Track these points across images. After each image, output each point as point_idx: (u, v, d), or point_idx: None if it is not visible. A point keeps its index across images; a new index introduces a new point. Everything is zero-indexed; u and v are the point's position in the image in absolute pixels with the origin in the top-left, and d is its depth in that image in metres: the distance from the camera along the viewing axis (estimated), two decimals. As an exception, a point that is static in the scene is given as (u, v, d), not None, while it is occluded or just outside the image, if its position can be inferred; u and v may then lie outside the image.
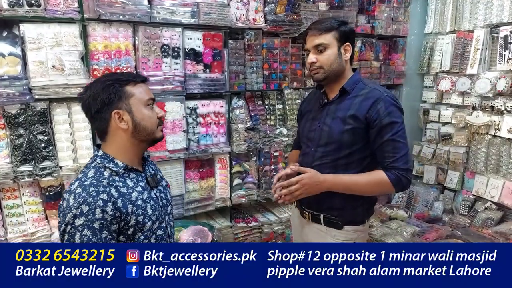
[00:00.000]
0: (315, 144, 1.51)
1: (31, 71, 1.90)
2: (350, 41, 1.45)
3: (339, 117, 1.44)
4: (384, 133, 1.37)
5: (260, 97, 2.77)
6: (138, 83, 1.15)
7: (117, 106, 1.11)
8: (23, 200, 2.05)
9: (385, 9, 3.15)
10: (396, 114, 1.38)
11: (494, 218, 2.91)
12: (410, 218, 3.13)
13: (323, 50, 1.41)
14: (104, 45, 2.08)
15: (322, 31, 1.41)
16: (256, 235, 2.77)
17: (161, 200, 1.23)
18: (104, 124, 1.13)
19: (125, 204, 1.09)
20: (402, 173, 1.37)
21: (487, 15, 2.92)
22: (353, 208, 1.49)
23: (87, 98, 1.12)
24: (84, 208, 1.02)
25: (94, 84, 1.13)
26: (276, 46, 2.67)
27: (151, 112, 1.16)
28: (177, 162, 2.43)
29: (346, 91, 1.45)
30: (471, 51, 3.01)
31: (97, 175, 1.10)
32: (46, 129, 1.99)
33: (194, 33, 2.35)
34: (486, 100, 2.96)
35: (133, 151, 1.17)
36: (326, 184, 1.39)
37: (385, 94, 1.41)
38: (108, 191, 1.07)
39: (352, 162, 1.44)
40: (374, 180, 1.39)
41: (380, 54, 3.28)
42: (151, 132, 1.16)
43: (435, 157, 3.38)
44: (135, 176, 1.17)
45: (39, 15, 1.87)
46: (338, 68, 1.44)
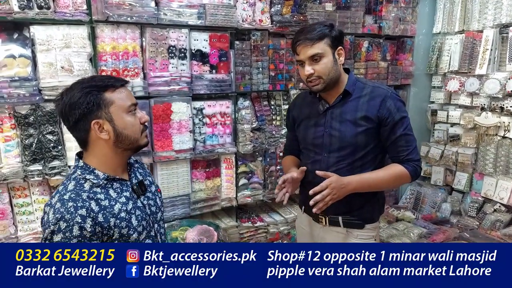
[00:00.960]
0: (326, 150, 1.49)
1: (41, 72, 1.93)
2: (341, 44, 1.44)
3: (349, 120, 1.44)
4: (397, 129, 1.41)
5: (266, 97, 2.78)
6: (118, 88, 1.06)
7: (97, 115, 1.03)
8: (33, 199, 2.09)
9: (392, 9, 3.13)
10: (403, 108, 1.43)
11: (503, 220, 2.87)
12: (417, 220, 3.11)
13: (318, 59, 1.38)
14: (112, 46, 2.11)
15: (315, 40, 1.36)
16: (262, 235, 2.78)
17: (149, 208, 1.17)
18: (84, 134, 1.06)
19: (107, 218, 1.03)
20: (417, 164, 1.44)
21: (496, 15, 2.88)
22: (372, 206, 1.52)
23: (64, 106, 1.03)
24: (62, 224, 0.98)
25: (71, 90, 1.04)
26: (282, 46, 2.67)
27: (134, 119, 1.08)
28: (184, 162, 2.45)
29: (348, 93, 1.45)
30: (480, 52, 2.98)
31: (76, 188, 1.04)
32: (55, 129, 2.03)
33: (200, 34, 2.37)
34: (495, 101, 2.93)
35: (116, 160, 1.10)
36: (351, 186, 1.39)
37: (389, 91, 1.44)
38: (88, 205, 1.01)
39: (367, 162, 1.46)
40: (395, 174, 1.43)
41: (387, 55, 3.26)
42: (134, 141, 1.09)
43: (443, 158, 3.34)
44: (118, 185, 1.11)
45: (49, 17, 1.91)
46: (336, 75, 1.42)
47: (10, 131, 1.96)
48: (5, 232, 2.01)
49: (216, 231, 2.40)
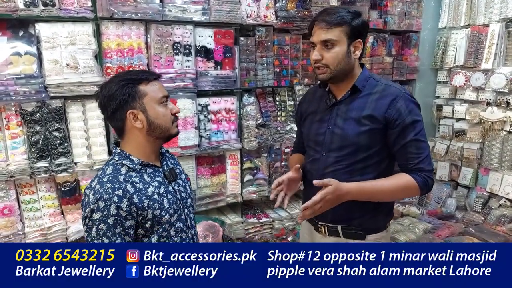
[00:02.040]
0: (326, 149, 1.37)
1: (47, 69, 1.94)
2: (362, 37, 1.30)
3: (353, 118, 1.31)
4: (407, 133, 1.26)
5: (271, 93, 2.77)
6: (151, 81, 1.16)
7: (132, 106, 1.12)
8: (40, 196, 2.10)
9: (397, 3, 3.11)
10: (416, 111, 1.29)
11: (509, 215, 2.86)
12: (422, 215, 3.10)
13: (330, 46, 1.25)
14: (117, 43, 2.10)
15: (332, 24, 1.24)
16: (267, 230, 2.79)
17: (179, 194, 1.25)
18: (121, 124, 1.15)
19: (141, 199, 1.11)
20: (428, 175, 1.28)
21: (502, 9, 2.86)
22: (374, 215, 1.38)
23: (102, 98, 1.14)
24: (101, 204, 1.06)
25: (109, 84, 1.15)
26: (287, 42, 2.66)
27: (165, 110, 1.17)
28: (189, 159, 2.46)
29: (357, 89, 1.32)
30: (486, 46, 2.96)
31: (114, 172, 1.13)
32: (61, 126, 2.04)
33: (205, 30, 2.36)
34: (501, 95, 2.91)
35: (149, 148, 1.19)
36: (349, 195, 1.25)
37: (403, 91, 1.30)
38: (124, 187, 1.10)
39: (369, 166, 1.32)
40: (401, 185, 1.28)
41: (392, 50, 3.24)
42: (166, 130, 1.18)
43: (449, 153, 3.34)
44: (152, 171, 1.19)
45: (53, 15, 1.91)
46: (346, 68, 1.29)
47: (16, 128, 1.97)
48: (12, 229, 2.02)
49: (221, 227, 2.42)
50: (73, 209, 2.16)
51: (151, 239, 1.15)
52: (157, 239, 1.15)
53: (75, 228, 2.13)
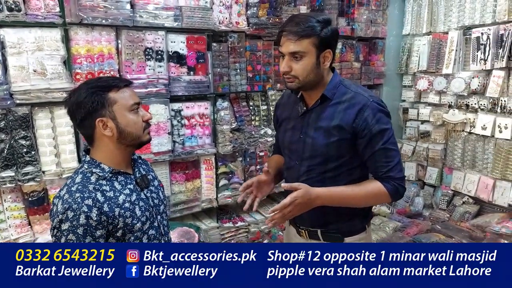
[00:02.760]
0: (299, 157, 1.37)
1: (12, 76, 1.88)
2: (332, 46, 1.28)
3: (323, 127, 1.30)
4: (375, 143, 1.26)
5: (245, 98, 2.81)
6: (121, 88, 1.13)
7: (101, 114, 1.10)
8: (5, 206, 2.02)
9: (364, 11, 3.24)
10: (384, 120, 1.27)
11: (471, 211, 3.03)
12: (392, 214, 3.22)
13: (299, 58, 1.23)
14: (86, 49, 2.07)
15: (300, 36, 1.21)
16: (243, 235, 2.80)
17: (152, 200, 1.23)
18: (90, 131, 1.13)
19: (112, 207, 1.09)
20: (399, 182, 1.28)
21: (460, 17, 3.05)
22: (350, 219, 1.39)
23: (71, 105, 1.11)
24: (70, 214, 1.04)
25: (78, 91, 1.12)
26: (259, 48, 2.71)
27: (136, 117, 1.15)
28: (162, 164, 2.44)
29: (326, 98, 1.31)
30: (446, 52, 3.13)
31: (83, 181, 1.11)
32: (28, 134, 1.97)
33: (177, 36, 2.36)
34: (461, 98, 3.09)
35: (120, 155, 1.17)
36: (319, 200, 1.25)
37: (370, 99, 1.27)
38: (94, 196, 1.08)
39: (340, 174, 1.33)
40: (371, 192, 1.29)
41: (360, 55, 3.37)
42: (137, 137, 1.16)
43: (415, 154, 3.49)
44: (123, 179, 1.18)
45: (19, 20, 1.86)
46: (315, 78, 1.28)
47: (-21, 137, 1.89)
48: (-24, 242, 1.94)
49: (197, 232, 2.41)
50: (41, 219, 2.09)
51: None
52: None
53: (44, 239, 2.05)
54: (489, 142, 2.95)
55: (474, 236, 2.72)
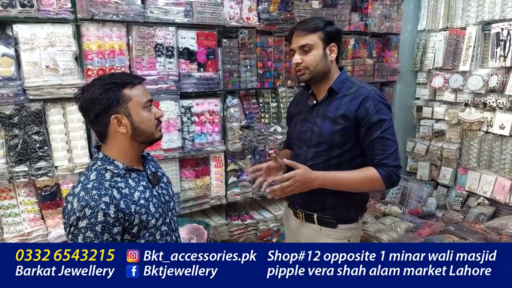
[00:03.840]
0: (306, 145, 1.52)
1: (25, 71, 1.90)
2: (336, 41, 1.46)
3: (329, 117, 1.45)
4: (373, 131, 1.38)
5: (255, 95, 2.78)
6: (135, 85, 1.13)
7: (116, 111, 1.10)
8: (19, 200, 2.06)
9: (378, 6, 3.17)
10: (384, 111, 1.40)
11: (487, 213, 2.95)
12: (404, 214, 3.16)
13: (308, 50, 1.42)
14: (97, 45, 2.08)
15: (307, 31, 1.42)
16: (251, 232, 2.80)
17: (163, 197, 1.24)
18: (103, 128, 1.13)
19: (128, 204, 1.10)
20: (393, 170, 1.39)
21: (479, 12, 2.95)
22: (345, 207, 1.51)
23: (85, 101, 1.10)
24: (87, 211, 1.04)
25: (91, 87, 1.11)
26: (270, 44, 2.68)
27: (150, 114, 1.16)
28: (172, 161, 2.45)
29: (334, 91, 1.46)
30: (464, 48, 3.04)
31: (98, 178, 1.11)
32: (41, 130, 2.00)
33: (187, 32, 2.36)
34: (478, 96, 3.00)
35: (133, 152, 1.18)
36: (317, 181, 1.38)
37: (372, 92, 1.42)
38: (110, 193, 1.08)
39: (343, 161, 1.45)
40: (365, 177, 1.40)
41: (373, 52, 3.30)
42: (150, 134, 1.17)
43: (429, 154, 3.41)
44: (136, 175, 1.18)
45: (32, 16, 1.88)
46: (324, 69, 1.45)
47: (-6, 132, 1.93)
48: (-10, 235, 1.98)
49: (206, 229, 2.41)
50: (53, 213, 2.12)
51: None
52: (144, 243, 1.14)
53: (56, 233, 2.09)
54: (507, 142, 2.86)
55: (489, 239, 2.65)
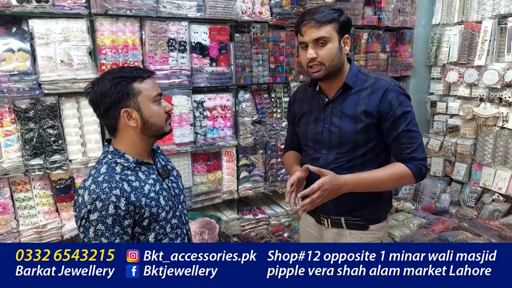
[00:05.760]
0: (326, 147, 1.40)
1: (40, 66, 1.92)
2: (348, 32, 1.33)
3: (349, 115, 1.34)
4: (399, 125, 1.30)
5: (267, 90, 2.77)
6: (145, 79, 1.13)
7: (126, 104, 1.10)
8: (34, 193, 2.09)
9: (392, 0, 3.12)
10: (406, 103, 1.32)
11: (501, 210, 2.90)
12: (417, 210, 3.13)
13: (323, 44, 1.27)
14: (111, 39, 2.09)
15: (322, 22, 1.25)
16: (263, 227, 2.80)
17: (173, 190, 1.25)
18: (113, 121, 1.13)
19: (138, 197, 1.10)
20: (422, 163, 1.33)
21: (495, 5, 2.88)
22: (375, 206, 1.42)
23: (95, 95, 1.11)
24: (98, 204, 1.05)
25: (101, 81, 1.11)
26: (282, 39, 2.66)
27: (159, 108, 1.16)
28: (185, 155, 2.46)
29: (348, 86, 1.35)
30: (479, 42, 2.98)
31: (109, 171, 1.11)
32: (55, 123, 2.03)
33: (200, 27, 2.35)
34: (494, 91, 2.94)
35: (142, 146, 1.18)
36: (346, 186, 1.28)
37: (392, 83, 1.33)
38: (121, 186, 1.08)
39: (368, 160, 1.36)
40: (396, 174, 1.32)
41: (387, 46, 3.25)
42: (159, 128, 1.17)
43: (443, 149, 3.37)
44: (146, 169, 1.19)
45: (47, 11, 1.90)
46: (339, 63, 1.32)
47: (10, 126, 1.95)
48: (6, 227, 2.01)
49: (217, 223, 2.42)
50: (68, 206, 2.15)
51: (148, 237, 1.14)
52: (154, 236, 1.15)
53: (70, 226, 2.12)
54: (523, 138, 2.81)
55: (504, 235, 2.61)
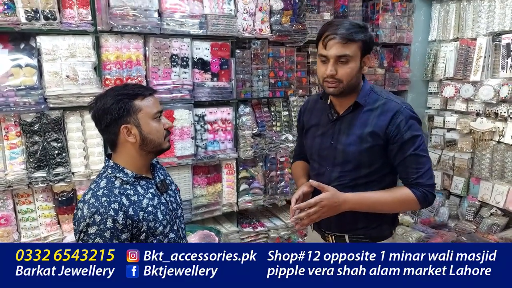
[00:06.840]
0: (330, 164, 1.37)
1: (47, 81, 1.97)
2: (370, 51, 1.30)
3: (356, 134, 1.31)
4: (406, 149, 1.27)
5: (266, 104, 2.83)
6: (146, 96, 1.17)
7: (126, 121, 1.14)
8: (37, 205, 2.11)
9: (389, 17, 3.20)
10: (416, 127, 1.29)
11: (500, 224, 2.91)
12: (416, 224, 3.14)
13: (345, 62, 1.23)
14: (116, 55, 2.15)
15: (349, 40, 1.21)
16: (262, 240, 2.80)
17: (171, 204, 1.27)
18: (114, 137, 1.17)
19: (136, 211, 1.13)
20: (428, 189, 1.28)
21: (489, 23, 2.96)
22: (378, 224, 1.39)
23: (97, 111, 1.15)
24: (97, 217, 1.07)
25: (104, 97, 1.15)
26: (281, 55, 2.73)
27: (159, 125, 1.19)
28: (185, 168, 2.49)
29: (359, 105, 1.32)
30: (474, 59, 3.05)
31: (108, 185, 1.14)
32: (59, 137, 2.06)
33: (202, 43, 2.42)
34: (490, 106, 2.99)
35: (141, 161, 1.21)
36: (346, 205, 1.26)
37: (403, 106, 1.30)
38: (119, 200, 1.11)
39: (372, 181, 1.34)
40: (399, 198, 1.29)
41: (384, 62, 3.32)
42: (158, 144, 1.20)
43: (441, 163, 3.39)
44: (145, 183, 1.21)
45: (55, 28, 1.96)
46: (356, 83, 1.29)
47: (15, 139, 1.99)
48: (8, 239, 2.03)
49: (217, 236, 2.44)
50: (69, 218, 2.17)
51: None
52: None
53: (71, 238, 2.13)
54: (519, 152, 2.84)
55: (503, 250, 2.62)
